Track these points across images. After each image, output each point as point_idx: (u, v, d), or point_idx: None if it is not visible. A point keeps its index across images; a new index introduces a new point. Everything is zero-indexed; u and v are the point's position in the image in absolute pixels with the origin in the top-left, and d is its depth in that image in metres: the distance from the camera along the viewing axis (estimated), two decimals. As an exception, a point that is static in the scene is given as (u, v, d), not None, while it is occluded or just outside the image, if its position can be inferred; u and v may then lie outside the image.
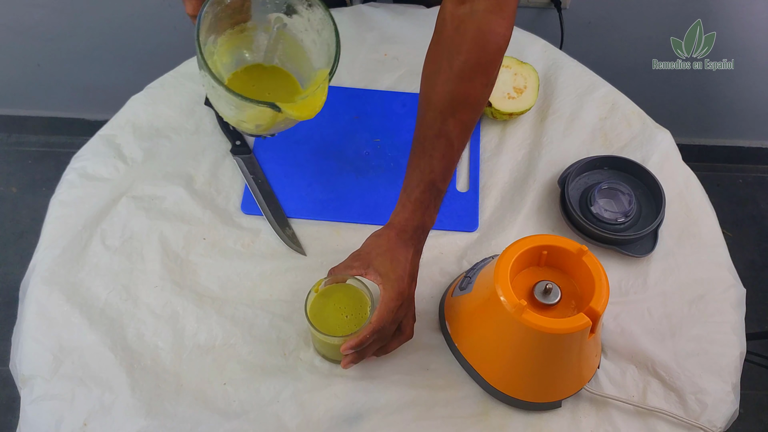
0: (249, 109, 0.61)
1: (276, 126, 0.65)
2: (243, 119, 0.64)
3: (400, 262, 0.64)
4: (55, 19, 1.39)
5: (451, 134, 0.63)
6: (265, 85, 0.71)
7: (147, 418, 0.67)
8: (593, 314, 0.60)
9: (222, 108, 0.65)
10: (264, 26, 0.68)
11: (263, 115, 0.62)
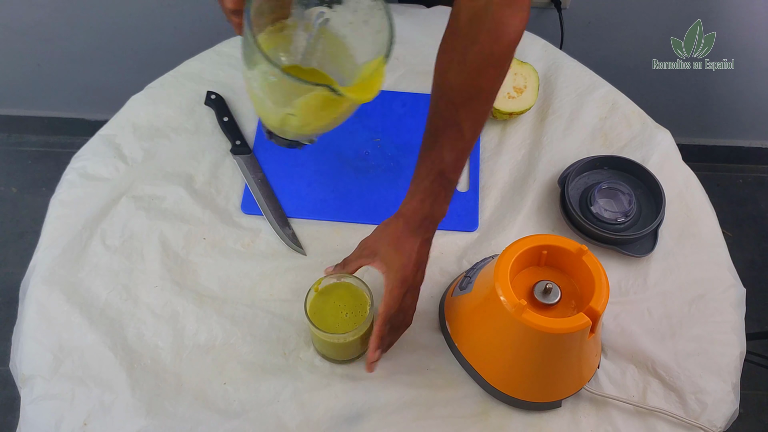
0: (302, 97, 0.58)
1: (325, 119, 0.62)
2: (292, 112, 0.60)
3: (405, 250, 0.65)
4: (55, 19, 1.39)
5: (462, 125, 0.63)
6: None
7: (147, 418, 0.67)
8: (593, 314, 0.60)
9: (269, 104, 0.61)
10: (304, 24, 0.65)
11: (316, 104, 0.58)
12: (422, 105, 0.93)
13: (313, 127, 0.64)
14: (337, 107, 0.59)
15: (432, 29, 1.02)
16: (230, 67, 0.94)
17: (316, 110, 0.59)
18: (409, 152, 0.88)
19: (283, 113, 0.61)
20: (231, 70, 0.94)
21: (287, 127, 0.64)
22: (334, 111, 0.61)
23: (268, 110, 0.63)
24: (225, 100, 0.90)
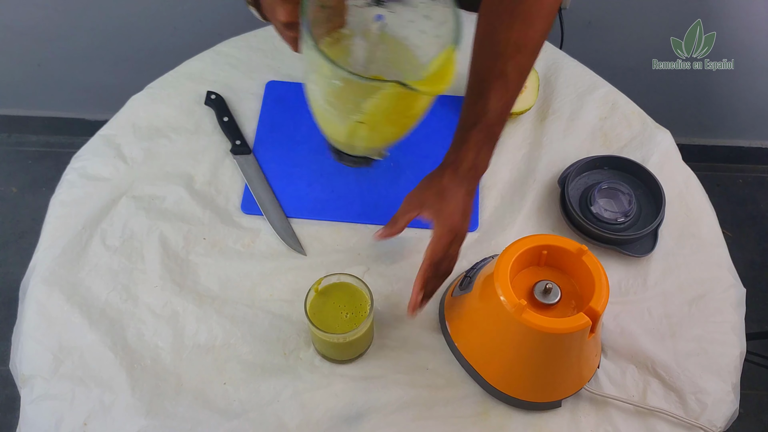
0: (370, 99, 0.54)
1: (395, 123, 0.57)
2: (361, 119, 0.57)
3: (453, 199, 0.66)
4: (55, 19, 1.39)
5: (509, 76, 0.63)
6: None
7: (147, 418, 0.67)
8: (593, 314, 0.60)
9: (335, 114, 0.58)
10: (362, 31, 0.62)
11: (385, 104, 0.55)
12: (422, 105, 0.93)
13: (383, 135, 0.60)
14: (409, 106, 0.56)
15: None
16: (230, 67, 0.94)
17: (386, 112, 0.56)
18: (409, 152, 0.88)
19: (351, 123, 0.58)
20: (231, 70, 0.94)
21: (356, 140, 0.60)
22: (406, 111, 0.57)
23: (335, 122, 0.59)
24: (225, 100, 0.90)
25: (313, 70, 0.55)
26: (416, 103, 0.55)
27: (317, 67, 0.54)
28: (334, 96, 0.56)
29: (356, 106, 0.56)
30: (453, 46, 0.55)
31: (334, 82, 0.54)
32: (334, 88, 0.55)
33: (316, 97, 0.58)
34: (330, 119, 0.59)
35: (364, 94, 0.54)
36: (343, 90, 0.55)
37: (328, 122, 0.60)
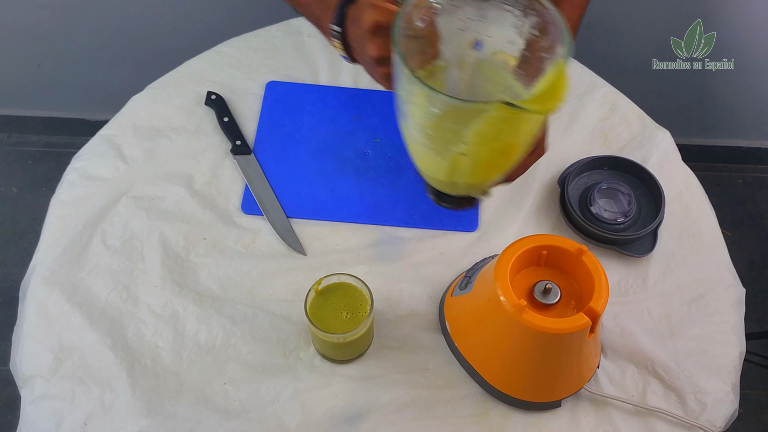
0: (474, 125, 0.49)
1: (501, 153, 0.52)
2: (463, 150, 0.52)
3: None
4: (55, 19, 1.39)
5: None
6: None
7: (147, 418, 0.67)
8: (593, 314, 0.60)
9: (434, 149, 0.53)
10: (458, 60, 0.57)
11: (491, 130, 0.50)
12: (422, 105, 0.93)
13: (487, 168, 0.55)
14: (517, 131, 0.50)
15: (432, 29, 1.02)
16: (230, 67, 0.95)
17: (492, 140, 0.50)
18: (409, 152, 0.88)
19: (452, 156, 0.53)
20: (231, 71, 0.94)
21: (458, 175, 0.55)
22: (513, 138, 0.51)
23: (434, 157, 0.54)
24: (225, 100, 0.90)
25: (409, 101, 0.50)
26: (525, 128, 0.50)
27: (413, 97, 0.50)
28: (433, 127, 0.51)
29: (457, 136, 0.50)
30: (563, 60, 0.49)
31: (432, 111, 0.49)
32: (432, 118, 0.50)
33: (412, 133, 0.53)
34: (428, 155, 0.54)
35: (465, 120, 0.49)
36: (443, 118, 0.49)
37: (427, 158, 0.55)
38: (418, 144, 0.54)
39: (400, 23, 0.49)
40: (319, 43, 0.98)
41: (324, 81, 0.95)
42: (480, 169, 0.54)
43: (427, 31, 0.53)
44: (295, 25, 1.00)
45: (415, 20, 0.50)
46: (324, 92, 0.93)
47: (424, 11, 0.51)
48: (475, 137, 0.49)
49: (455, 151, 0.51)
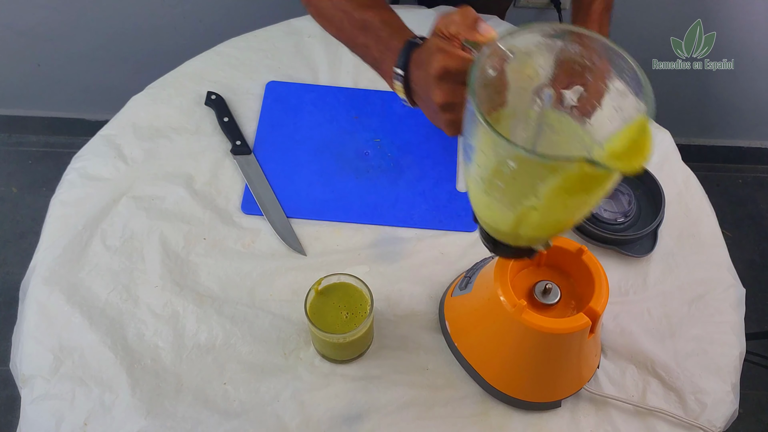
0: (550, 180, 0.47)
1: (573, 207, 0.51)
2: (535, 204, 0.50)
3: None
4: (55, 19, 1.39)
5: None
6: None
7: (147, 418, 0.67)
8: (593, 314, 0.60)
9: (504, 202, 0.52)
10: (524, 109, 0.55)
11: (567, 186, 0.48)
12: (422, 105, 0.93)
13: (557, 222, 0.53)
14: (593, 187, 0.48)
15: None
16: (230, 67, 0.95)
17: (567, 195, 0.48)
18: (409, 152, 0.88)
19: (522, 209, 0.51)
20: (231, 71, 0.94)
21: (523, 228, 0.53)
22: (588, 193, 0.49)
23: (501, 209, 0.52)
24: (225, 100, 0.90)
25: (482, 152, 0.48)
26: (602, 184, 0.48)
27: (484, 147, 0.48)
28: (504, 179, 0.49)
29: (531, 190, 0.48)
30: (645, 117, 0.46)
31: (508, 163, 0.47)
32: (505, 170, 0.48)
33: (478, 182, 0.51)
34: (494, 206, 0.52)
35: (542, 176, 0.47)
36: (517, 172, 0.47)
37: (492, 209, 0.53)
38: (484, 194, 0.52)
39: (476, 73, 0.47)
40: (319, 43, 0.98)
41: (324, 81, 0.95)
42: (549, 223, 0.52)
43: (497, 79, 0.51)
44: (295, 25, 1.00)
45: (488, 69, 0.49)
46: (324, 92, 0.93)
47: (497, 60, 0.49)
48: (549, 192, 0.47)
49: (525, 205, 0.50)
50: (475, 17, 0.52)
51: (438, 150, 0.89)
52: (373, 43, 0.61)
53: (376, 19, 0.61)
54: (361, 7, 0.62)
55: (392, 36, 0.60)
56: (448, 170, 0.87)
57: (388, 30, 0.60)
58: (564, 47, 0.50)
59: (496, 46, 0.48)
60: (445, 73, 0.53)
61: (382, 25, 0.61)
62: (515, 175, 0.48)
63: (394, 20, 0.61)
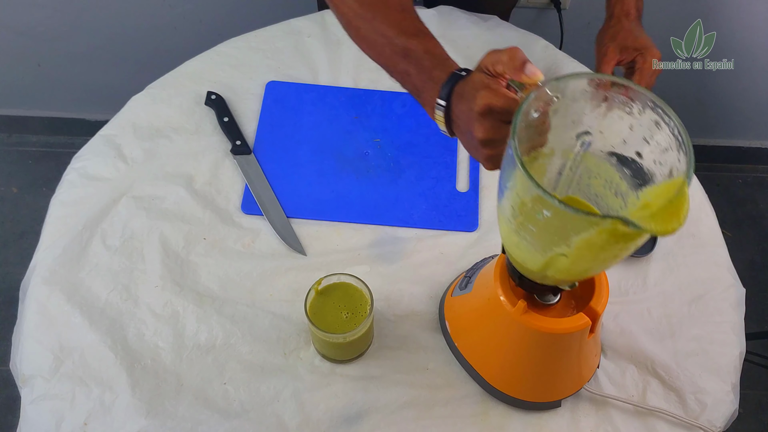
0: (583, 234, 0.48)
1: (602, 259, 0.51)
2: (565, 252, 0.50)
3: (641, 31, 0.88)
4: (55, 19, 1.39)
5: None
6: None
7: (147, 418, 0.67)
8: (593, 314, 0.60)
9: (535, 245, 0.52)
10: (562, 150, 0.55)
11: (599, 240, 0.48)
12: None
13: (584, 269, 0.53)
14: (624, 243, 0.49)
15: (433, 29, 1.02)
16: (230, 67, 0.95)
17: (597, 249, 0.49)
18: (409, 152, 0.88)
19: (552, 255, 0.52)
20: (231, 71, 0.94)
21: (551, 271, 0.54)
22: (620, 248, 0.50)
23: (531, 252, 0.53)
24: (225, 100, 0.90)
25: (518, 196, 0.49)
26: (634, 241, 0.49)
27: (521, 192, 0.48)
28: (537, 225, 0.50)
29: (563, 239, 0.49)
30: (685, 180, 0.47)
31: (543, 212, 0.48)
32: (539, 217, 0.48)
33: (509, 221, 0.52)
34: (524, 246, 0.53)
35: (576, 228, 0.47)
36: (551, 220, 0.48)
37: (521, 249, 0.54)
38: (514, 233, 0.52)
39: (520, 117, 0.48)
40: (319, 43, 0.98)
41: (324, 81, 0.95)
42: (577, 270, 0.52)
43: (539, 121, 0.52)
44: (295, 25, 1.00)
45: (532, 111, 0.50)
46: (324, 92, 0.93)
47: (542, 103, 0.50)
48: (581, 243, 0.48)
49: (556, 251, 0.50)
50: (524, 59, 0.53)
51: (438, 150, 0.89)
52: (415, 72, 0.61)
53: (419, 47, 0.61)
54: (404, 34, 0.62)
55: (435, 66, 0.60)
56: (448, 170, 0.87)
57: (430, 60, 0.60)
58: (610, 97, 0.50)
59: (543, 91, 0.49)
60: (489, 110, 0.54)
61: (425, 54, 0.60)
62: (548, 223, 0.48)
63: (437, 50, 0.61)
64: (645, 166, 0.52)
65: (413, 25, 0.63)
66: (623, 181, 0.54)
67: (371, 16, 0.63)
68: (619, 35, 0.87)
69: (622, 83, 0.49)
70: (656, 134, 0.50)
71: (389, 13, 0.63)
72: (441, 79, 0.58)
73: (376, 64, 0.65)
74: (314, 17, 1.01)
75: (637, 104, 0.50)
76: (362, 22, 0.64)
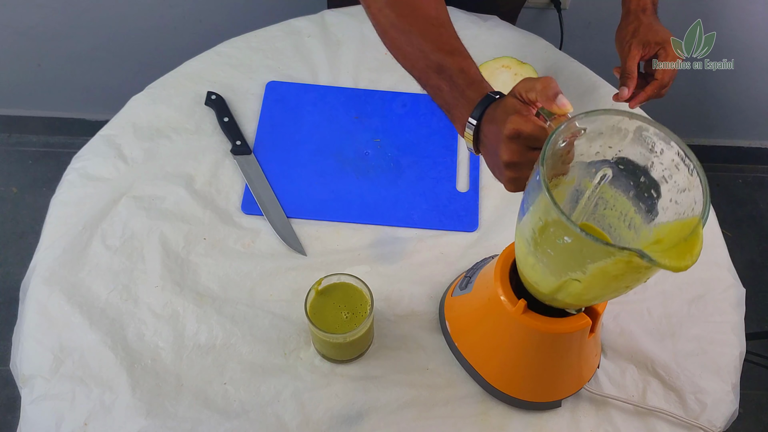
0: (599, 263, 0.49)
1: (613, 288, 0.53)
2: (579, 278, 0.52)
3: (659, 26, 0.89)
4: (55, 19, 1.39)
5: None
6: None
7: (147, 418, 0.67)
8: (593, 314, 0.60)
9: (550, 268, 0.54)
10: (583, 180, 0.58)
11: (614, 270, 0.50)
12: (422, 105, 0.93)
13: (595, 295, 0.55)
14: (637, 275, 0.51)
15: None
16: (230, 67, 0.95)
17: (610, 278, 0.51)
18: (409, 152, 0.89)
19: (565, 279, 0.54)
20: (231, 71, 0.94)
21: (562, 295, 0.56)
22: (631, 279, 0.52)
23: (545, 273, 0.55)
24: (225, 100, 0.90)
25: (537, 216, 0.51)
26: (647, 274, 0.50)
27: (543, 216, 0.50)
28: (555, 249, 0.51)
29: (578, 266, 0.51)
30: (701, 220, 0.49)
31: (563, 238, 0.49)
32: (558, 242, 0.50)
33: (528, 242, 0.53)
34: (539, 268, 0.55)
35: (593, 256, 0.49)
36: (569, 246, 0.50)
37: (536, 271, 0.56)
38: (531, 255, 0.54)
39: (550, 146, 0.50)
40: (319, 43, 0.98)
41: (324, 81, 0.95)
42: (588, 296, 0.54)
43: (564, 150, 0.54)
44: (295, 25, 1.00)
45: (559, 141, 0.52)
46: (324, 92, 0.93)
47: (570, 134, 0.52)
48: (596, 271, 0.50)
49: (570, 276, 0.52)
50: (556, 90, 0.55)
51: (438, 150, 0.89)
52: (447, 88, 0.62)
53: (454, 65, 0.62)
54: (440, 51, 0.63)
55: (469, 86, 0.61)
56: (448, 170, 0.87)
57: (464, 79, 0.62)
58: (635, 135, 0.52)
59: (572, 123, 0.51)
60: (517, 134, 0.55)
61: (460, 73, 0.62)
62: (567, 248, 0.50)
63: (472, 70, 0.62)
64: (660, 203, 0.54)
65: (450, 43, 0.64)
66: (638, 215, 0.56)
67: (408, 29, 0.64)
68: (640, 31, 0.88)
69: (650, 123, 0.51)
70: (675, 174, 0.53)
71: (427, 28, 0.64)
72: (474, 100, 0.60)
73: (408, 73, 0.66)
74: (314, 17, 1.01)
75: (660, 144, 0.52)
76: (398, 33, 0.65)
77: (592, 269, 0.50)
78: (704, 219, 0.49)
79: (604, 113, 0.51)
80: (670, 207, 0.54)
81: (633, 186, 0.56)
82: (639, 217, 0.56)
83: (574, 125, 0.51)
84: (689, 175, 0.52)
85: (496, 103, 0.59)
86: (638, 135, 0.52)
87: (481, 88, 0.61)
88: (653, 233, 0.54)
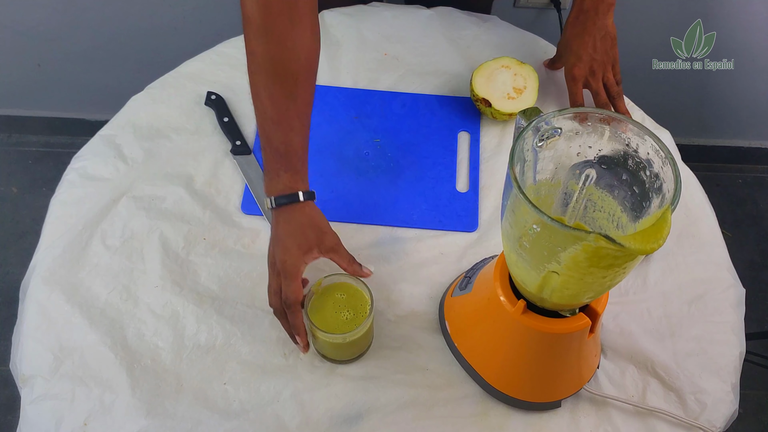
0: (570, 249, 0.50)
1: (592, 277, 0.54)
2: (556, 269, 0.53)
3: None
4: (55, 19, 1.39)
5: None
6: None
7: (147, 418, 0.67)
8: (593, 314, 0.60)
9: (529, 261, 0.55)
10: (567, 182, 0.59)
11: (584, 257, 0.51)
12: (422, 105, 0.93)
13: (577, 290, 0.56)
14: (612, 263, 0.52)
15: (432, 29, 1.02)
16: (230, 67, 0.95)
17: (584, 266, 0.52)
18: (409, 152, 0.88)
19: (545, 271, 0.55)
20: (231, 71, 0.94)
21: (546, 292, 0.57)
22: (605, 268, 0.53)
23: (528, 269, 0.56)
24: (225, 100, 0.90)
25: (510, 209, 0.53)
26: (620, 261, 0.51)
27: (515, 207, 0.52)
28: (531, 241, 0.53)
29: (552, 255, 0.52)
30: (669, 206, 0.50)
31: (533, 227, 0.51)
32: (531, 233, 0.52)
33: (510, 239, 0.55)
34: (521, 264, 0.57)
35: (562, 243, 0.50)
36: (540, 236, 0.52)
37: (519, 267, 0.57)
38: (514, 251, 0.56)
39: (519, 145, 0.51)
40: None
41: (324, 81, 0.95)
42: (569, 289, 0.55)
43: (544, 151, 0.55)
44: (295, 25, 1.00)
45: (536, 141, 0.53)
46: (324, 92, 0.93)
47: (546, 134, 0.53)
48: (569, 260, 0.51)
49: (548, 268, 0.54)
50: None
51: (438, 150, 0.89)
52: (269, 149, 0.70)
53: (283, 135, 0.70)
54: (282, 111, 0.70)
55: (281, 161, 0.71)
56: (448, 170, 0.87)
57: (285, 148, 0.71)
58: (612, 133, 0.54)
59: (541, 123, 0.52)
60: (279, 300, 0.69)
61: (282, 144, 0.70)
62: (539, 238, 0.52)
63: (295, 141, 0.71)
64: (642, 200, 0.55)
65: (297, 108, 0.71)
66: (624, 214, 0.57)
67: (271, 70, 0.70)
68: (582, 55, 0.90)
69: (621, 119, 0.53)
70: (650, 168, 0.54)
71: (287, 78, 0.69)
72: (276, 188, 0.70)
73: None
74: (314, 17, 1.01)
75: (635, 139, 0.53)
76: (259, 68, 0.72)
77: (565, 258, 0.51)
78: (674, 205, 0.49)
79: (575, 110, 0.53)
80: (651, 201, 0.55)
81: (617, 185, 0.57)
82: (625, 216, 0.57)
83: (543, 125, 0.52)
84: (662, 166, 0.53)
85: (287, 221, 0.69)
86: (614, 132, 0.53)
87: (289, 177, 0.71)
88: (637, 229, 0.55)
